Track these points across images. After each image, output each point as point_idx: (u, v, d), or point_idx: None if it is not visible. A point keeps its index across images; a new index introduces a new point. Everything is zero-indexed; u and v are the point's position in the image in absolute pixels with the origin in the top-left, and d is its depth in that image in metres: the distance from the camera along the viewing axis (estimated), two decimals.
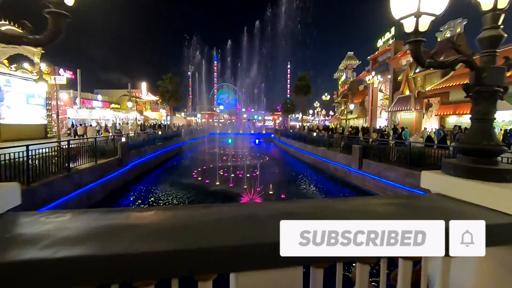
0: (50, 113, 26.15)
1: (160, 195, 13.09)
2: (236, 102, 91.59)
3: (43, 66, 28.35)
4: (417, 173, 11.03)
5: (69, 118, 32.22)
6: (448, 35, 29.76)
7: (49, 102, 25.95)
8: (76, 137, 19.56)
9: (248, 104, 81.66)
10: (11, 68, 22.39)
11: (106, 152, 13.42)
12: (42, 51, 25.85)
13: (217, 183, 15.05)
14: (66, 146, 9.75)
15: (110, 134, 20.73)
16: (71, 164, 9.82)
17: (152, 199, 12.52)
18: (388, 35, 39.17)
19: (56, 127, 27.87)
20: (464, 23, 28.20)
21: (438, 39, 30.69)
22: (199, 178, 16.21)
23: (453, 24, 28.99)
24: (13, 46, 21.93)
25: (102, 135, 20.62)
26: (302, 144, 25.73)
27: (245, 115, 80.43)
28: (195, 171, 17.84)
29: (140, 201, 12.20)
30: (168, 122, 49.64)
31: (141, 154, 17.50)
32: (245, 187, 13.97)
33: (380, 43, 41.12)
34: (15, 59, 24.09)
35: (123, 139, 16.23)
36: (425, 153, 11.47)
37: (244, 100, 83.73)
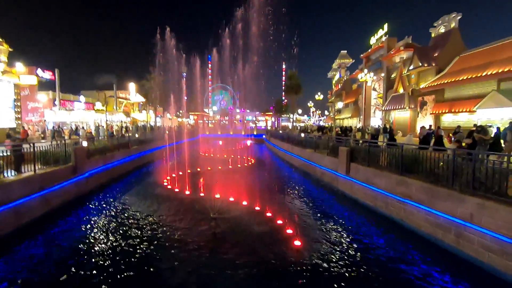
0: (19, 116, 24.38)
1: (120, 211, 11.31)
2: (231, 103, 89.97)
3: (20, 66, 26.64)
4: (410, 181, 9.47)
5: (45, 120, 30.30)
6: (442, 30, 28.42)
7: (18, 104, 24.17)
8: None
9: (243, 105, 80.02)
10: None
11: (58, 159, 11.70)
12: (10, 49, 24.15)
13: (187, 193, 13.39)
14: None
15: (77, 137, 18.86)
16: None
17: (108, 218, 10.62)
18: (381, 32, 37.70)
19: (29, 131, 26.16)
20: (459, 17, 26.92)
21: (432, 35, 29.38)
22: (169, 187, 14.53)
23: (447, 19, 27.70)
24: None
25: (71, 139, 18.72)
26: (290, 146, 24.11)
27: (238, 116, 78.75)
28: (169, 178, 16.11)
29: (91, 221, 10.36)
30: (153, 124, 47.89)
31: (106, 160, 15.72)
32: (217, 196, 12.30)
33: (373, 40, 39.64)
34: None
35: (85, 144, 14.48)
36: (420, 157, 9.85)
37: (239, 101, 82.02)
